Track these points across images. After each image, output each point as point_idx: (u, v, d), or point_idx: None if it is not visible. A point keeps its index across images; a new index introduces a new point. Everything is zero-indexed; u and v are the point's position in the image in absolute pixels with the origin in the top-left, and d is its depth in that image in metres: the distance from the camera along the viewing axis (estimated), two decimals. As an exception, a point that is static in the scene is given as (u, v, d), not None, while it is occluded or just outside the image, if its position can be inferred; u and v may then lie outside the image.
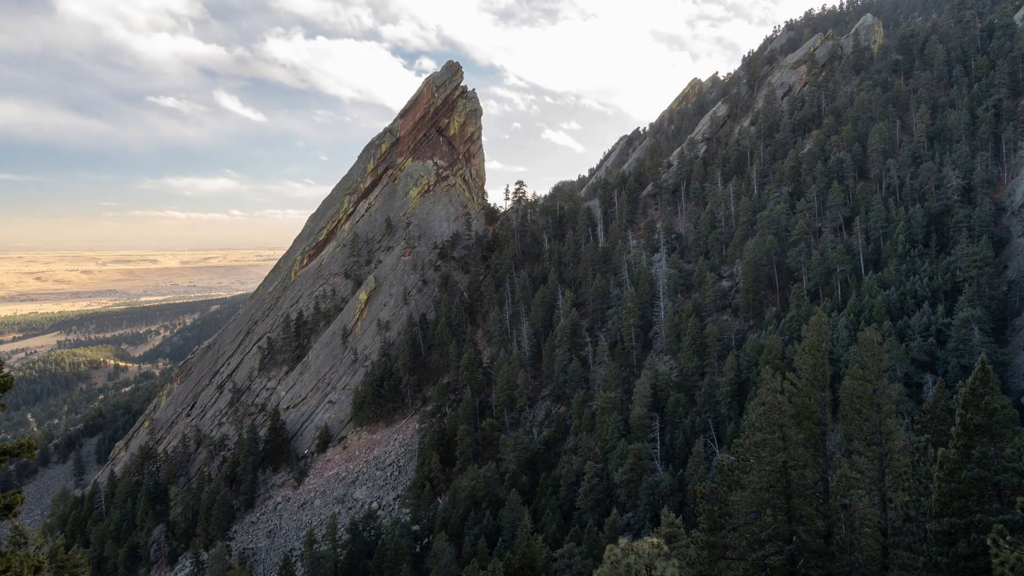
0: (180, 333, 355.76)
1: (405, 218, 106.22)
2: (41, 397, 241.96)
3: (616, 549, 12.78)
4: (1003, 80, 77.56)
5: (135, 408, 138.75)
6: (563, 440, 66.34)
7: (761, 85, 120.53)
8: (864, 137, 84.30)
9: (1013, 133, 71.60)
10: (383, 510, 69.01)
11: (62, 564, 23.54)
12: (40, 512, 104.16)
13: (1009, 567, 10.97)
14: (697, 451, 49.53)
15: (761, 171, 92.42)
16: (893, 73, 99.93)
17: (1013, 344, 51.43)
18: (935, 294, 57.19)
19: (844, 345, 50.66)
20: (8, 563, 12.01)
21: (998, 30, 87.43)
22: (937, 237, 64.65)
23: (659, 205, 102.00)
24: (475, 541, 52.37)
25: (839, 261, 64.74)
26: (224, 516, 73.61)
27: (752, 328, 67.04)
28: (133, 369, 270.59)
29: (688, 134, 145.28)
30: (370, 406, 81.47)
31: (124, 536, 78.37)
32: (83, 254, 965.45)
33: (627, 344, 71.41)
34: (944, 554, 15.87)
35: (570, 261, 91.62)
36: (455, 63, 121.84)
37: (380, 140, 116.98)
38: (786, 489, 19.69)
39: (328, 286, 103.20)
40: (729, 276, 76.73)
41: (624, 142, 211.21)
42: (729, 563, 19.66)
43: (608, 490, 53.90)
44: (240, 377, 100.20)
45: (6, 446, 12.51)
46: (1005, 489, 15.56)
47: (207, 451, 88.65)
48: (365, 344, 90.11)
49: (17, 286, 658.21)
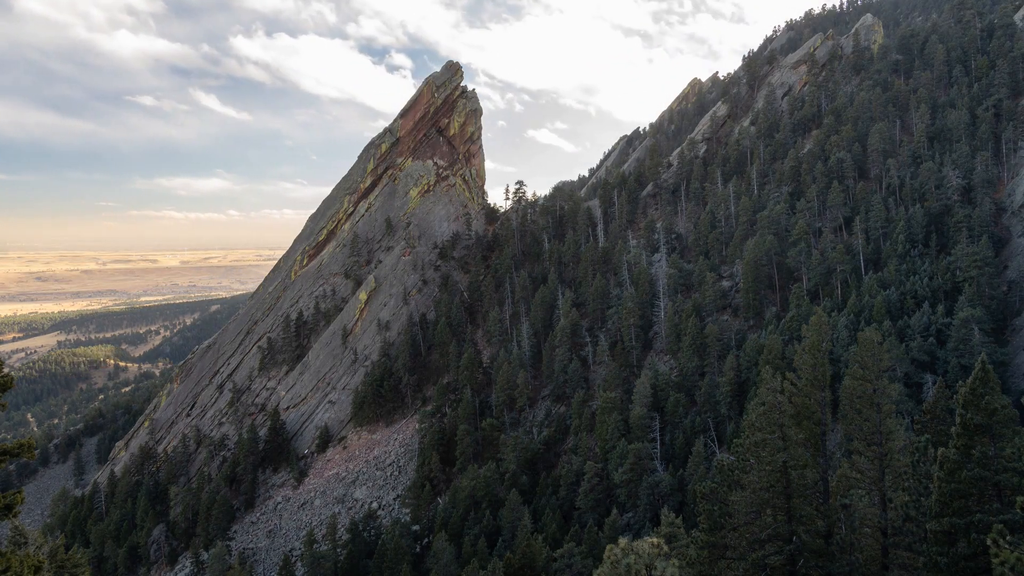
0: (180, 333, 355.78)
1: (405, 218, 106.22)
2: (41, 397, 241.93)
3: (616, 549, 12.78)
4: (1003, 80, 77.58)
5: (135, 408, 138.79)
6: (563, 440, 66.33)
7: (761, 85, 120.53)
8: (864, 137, 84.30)
9: (1013, 133, 71.59)
10: (383, 510, 69.02)
11: (62, 564, 23.54)
12: (40, 512, 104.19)
13: (1009, 567, 10.97)
14: (697, 451, 49.53)
15: (761, 171, 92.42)
16: (893, 73, 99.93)
17: (1013, 344, 51.42)
18: (935, 294, 57.17)
19: (844, 345, 50.65)
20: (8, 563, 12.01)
21: (998, 30, 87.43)
22: (937, 237, 64.60)
23: (659, 205, 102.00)
24: (475, 541, 52.36)
25: (839, 261, 64.72)
26: (224, 516, 73.64)
27: (752, 328, 67.03)
28: (133, 369, 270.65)
29: (688, 134, 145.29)
30: (370, 406, 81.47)
31: (124, 536, 78.40)
32: (83, 254, 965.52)
33: (627, 344, 71.40)
34: (944, 554, 15.87)
35: (570, 261, 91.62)
36: (455, 63, 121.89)
37: (380, 140, 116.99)
38: (786, 489, 19.69)
39: (328, 286, 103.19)
40: (729, 276, 76.72)
41: (624, 142, 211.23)
42: (729, 563, 19.66)
43: (608, 490, 53.89)
44: (240, 377, 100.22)
45: (6, 446, 12.51)
46: (1005, 489, 15.56)
47: (207, 451, 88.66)
48: (365, 344, 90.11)
49: (17, 286, 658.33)
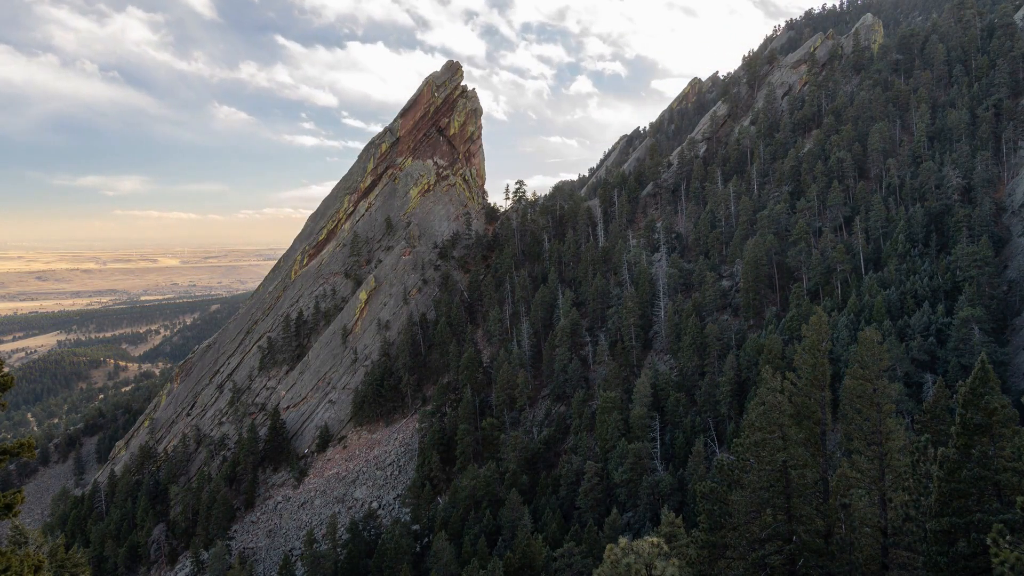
0: (180, 333, 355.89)
1: (405, 217, 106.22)
2: (41, 396, 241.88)
3: (616, 549, 12.79)
4: (1003, 80, 77.59)
5: (135, 407, 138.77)
6: (563, 440, 66.34)
7: (761, 85, 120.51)
8: (864, 137, 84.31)
9: (1013, 133, 71.59)
10: (383, 509, 69.05)
11: (62, 563, 23.54)
12: (40, 511, 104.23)
13: (1009, 567, 10.97)
14: (697, 451, 49.53)
15: (761, 171, 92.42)
16: (893, 73, 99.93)
17: (1013, 344, 51.42)
18: (935, 294, 57.16)
19: (844, 345, 50.67)
20: (8, 562, 12.02)
21: (998, 30, 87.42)
22: (937, 237, 64.60)
23: (659, 205, 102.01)
24: (475, 541, 52.36)
25: (839, 261, 64.72)
26: (224, 516, 73.65)
27: (752, 328, 67.05)
28: (133, 368, 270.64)
29: (688, 134, 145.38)
30: (370, 406, 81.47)
31: (124, 535, 78.39)
32: (83, 253, 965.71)
33: (627, 344, 71.41)
34: (944, 554, 15.88)
35: (570, 261, 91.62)
36: (455, 63, 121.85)
37: (380, 139, 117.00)
38: (786, 489, 19.70)
39: (328, 286, 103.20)
40: (729, 276, 76.72)
41: (624, 141, 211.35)
42: (729, 562, 19.67)
43: (608, 490, 53.90)
44: (240, 377, 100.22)
45: (6, 445, 12.51)
46: (1005, 489, 15.56)
47: (207, 450, 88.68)
48: (365, 344, 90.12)
49: (17, 285, 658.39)
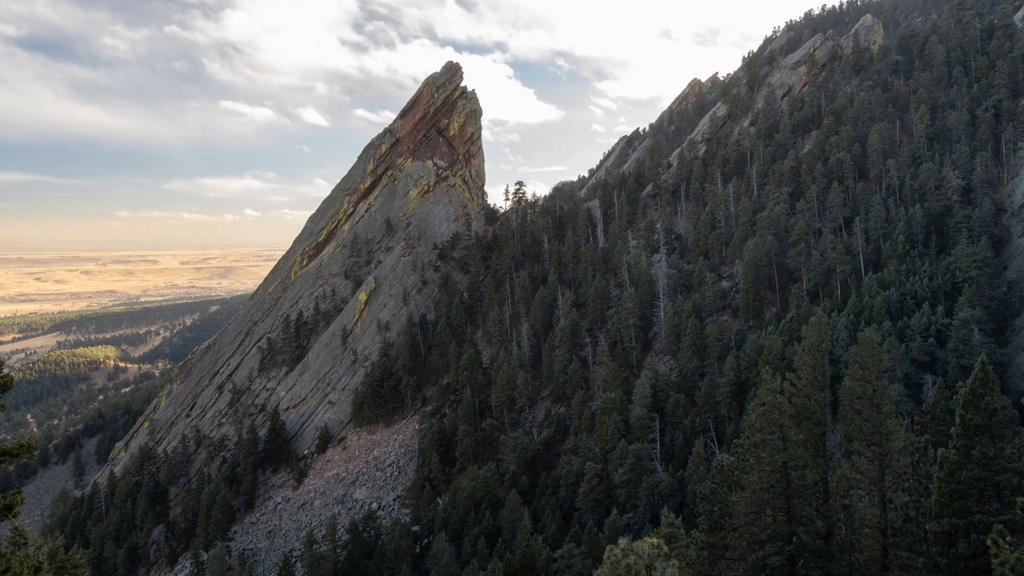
0: (180, 333, 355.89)
1: (405, 218, 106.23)
2: (41, 398, 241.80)
3: (616, 550, 12.77)
4: (1003, 80, 77.59)
5: (135, 408, 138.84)
6: (563, 440, 66.32)
7: (761, 85, 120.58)
8: (864, 137, 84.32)
9: (1013, 133, 71.59)
10: (383, 510, 69.00)
11: (62, 565, 23.53)
12: (40, 513, 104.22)
13: (1009, 567, 10.96)
14: (697, 451, 49.53)
15: (761, 171, 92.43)
16: (893, 73, 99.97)
17: (1013, 344, 51.42)
18: (935, 294, 57.16)
19: (844, 345, 50.65)
20: (8, 564, 12.01)
21: (998, 30, 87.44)
22: (937, 237, 64.61)
23: (659, 205, 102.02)
24: (475, 541, 52.34)
25: (839, 261, 64.73)
26: (224, 516, 73.60)
27: (752, 328, 67.04)
28: (133, 369, 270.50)
29: (688, 134, 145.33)
30: (370, 406, 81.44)
31: (124, 536, 78.35)
32: (83, 254, 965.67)
33: (627, 344, 71.39)
34: (944, 554, 15.87)
35: (570, 261, 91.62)
36: (455, 64, 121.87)
37: (380, 140, 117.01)
38: (786, 489, 19.68)
39: (328, 286, 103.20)
40: (729, 276, 76.71)
41: (624, 142, 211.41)
42: (729, 563, 19.66)
43: (608, 490, 53.88)
44: (240, 378, 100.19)
45: (6, 447, 12.51)
46: (1005, 489, 15.56)
47: (207, 451, 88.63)
48: (365, 344, 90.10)
49: (17, 286, 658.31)
